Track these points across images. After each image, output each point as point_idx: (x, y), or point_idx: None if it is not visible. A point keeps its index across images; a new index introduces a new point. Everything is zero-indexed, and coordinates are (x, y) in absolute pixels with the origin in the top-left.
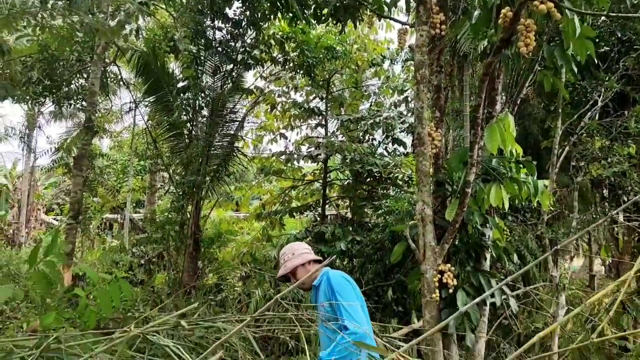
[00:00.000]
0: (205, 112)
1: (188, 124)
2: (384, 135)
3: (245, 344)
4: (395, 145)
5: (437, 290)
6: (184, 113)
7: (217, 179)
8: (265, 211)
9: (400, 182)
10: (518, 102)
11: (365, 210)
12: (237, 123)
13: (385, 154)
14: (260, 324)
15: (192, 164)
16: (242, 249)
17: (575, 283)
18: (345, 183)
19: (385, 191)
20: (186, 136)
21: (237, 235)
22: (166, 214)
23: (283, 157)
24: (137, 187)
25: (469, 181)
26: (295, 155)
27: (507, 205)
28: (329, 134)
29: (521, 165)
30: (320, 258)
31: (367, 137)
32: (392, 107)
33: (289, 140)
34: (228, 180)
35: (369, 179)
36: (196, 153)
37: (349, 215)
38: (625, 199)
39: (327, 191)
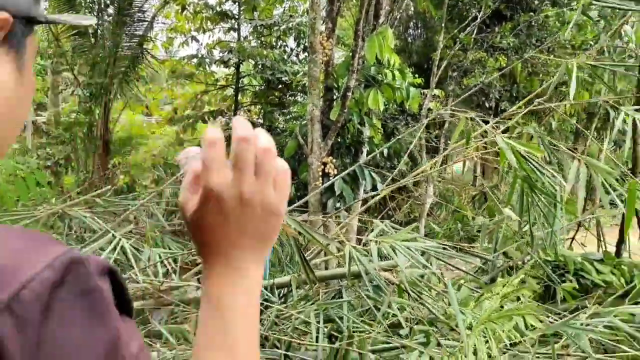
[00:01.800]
0: (111, 10)
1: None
2: (296, 43)
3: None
4: (306, 53)
5: (320, 179)
6: (89, 11)
7: (126, 81)
8: (178, 115)
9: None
10: (398, 16)
11: (276, 115)
12: (146, 23)
13: (297, 61)
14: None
15: (99, 65)
16: (154, 153)
17: (452, 180)
18: (258, 89)
19: (294, 98)
20: (91, 35)
21: (149, 139)
22: (73, 115)
23: (194, 60)
24: (37, 88)
25: (350, 86)
26: (207, 60)
27: (381, 107)
28: (241, 39)
29: (398, 73)
30: None
31: (279, 44)
32: (305, 13)
33: (201, 44)
34: (138, 83)
35: (280, 86)
36: (102, 54)
37: (261, 120)
38: (488, 105)
39: (240, 97)
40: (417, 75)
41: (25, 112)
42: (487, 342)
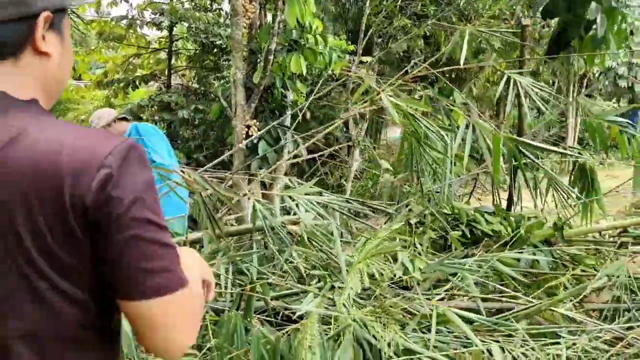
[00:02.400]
0: None
1: None
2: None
3: None
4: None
5: (244, 141)
6: None
7: None
8: (107, 79)
9: None
10: None
11: (211, 80)
12: None
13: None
14: None
15: None
16: (83, 118)
17: (385, 146)
18: (192, 53)
19: (229, 62)
20: None
21: (79, 104)
22: None
23: (124, 22)
24: None
25: (271, 50)
26: (138, 21)
27: (304, 71)
28: (173, 1)
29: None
30: (126, 116)
31: (213, 6)
32: None
33: (131, 5)
34: None
35: (215, 50)
36: None
37: (196, 85)
38: (410, 71)
39: (174, 61)
40: (350, 42)
41: (68, 74)
42: (371, 277)
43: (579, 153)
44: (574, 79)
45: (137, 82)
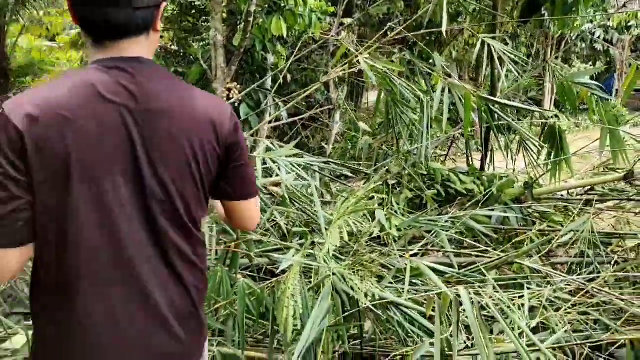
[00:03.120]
0: None
1: None
2: None
3: None
4: None
5: None
6: None
7: (23, 3)
8: (82, 40)
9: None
10: None
11: (190, 42)
12: None
13: None
14: None
15: None
16: None
17: (366, 110)
18: (170, 14)
19: (208, 24)
20: None
21: (55, 65)
22: None
23: None
24: None
25: (251, 12)
26: None
27: (285, 34)
28: None
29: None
30: None
31: None
32: None
33: None
34: (36, 4)
35: (193, 11)
36: None
37: (174, 47)
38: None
39: None
40: (330, 4)
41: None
42: (348, 234)
43: (555, 116)
44: (552, 42)
45: None
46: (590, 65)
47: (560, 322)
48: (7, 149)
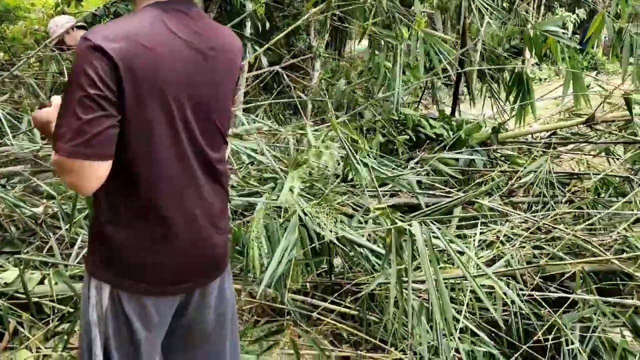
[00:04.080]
0: None
1: None
2: None
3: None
4: None
5: None
6: None
7: None
8: None
9: None
10: None
11: None
12: None
13: None
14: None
15: None
16: (36, 26)
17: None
18: None
19: None
20: None
21: (29, 12)
22: None
23: None
24: None
25: None
26: None
27: None
28: None
29: None
30: (84, 24)
31: None
32: None
33: None
34: None
35: None
36: None
37: None
38: None
39: None
40: None
41: None
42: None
43: (536, 64)
44: None
45: None
46: (573, 14)
47: (516, 255)
48: (104, 76)
